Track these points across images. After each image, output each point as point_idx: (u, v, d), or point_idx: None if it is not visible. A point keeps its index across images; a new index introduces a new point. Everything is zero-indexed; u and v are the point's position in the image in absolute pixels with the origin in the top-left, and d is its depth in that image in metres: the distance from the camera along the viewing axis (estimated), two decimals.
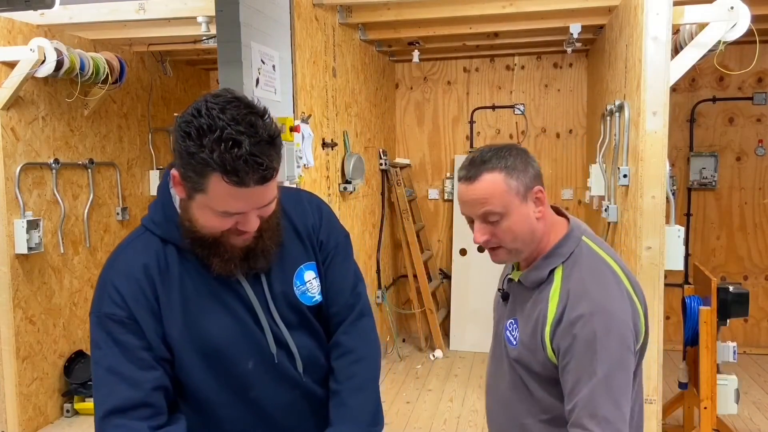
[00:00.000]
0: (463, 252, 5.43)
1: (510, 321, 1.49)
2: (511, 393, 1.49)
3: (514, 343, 1.46)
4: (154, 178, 5.05)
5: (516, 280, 1.51)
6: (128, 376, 1.22)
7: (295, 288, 1.36)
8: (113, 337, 1.24)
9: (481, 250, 5.46)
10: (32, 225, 3.77)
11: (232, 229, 1.22)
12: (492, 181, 1.36)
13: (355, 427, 1.36)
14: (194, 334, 1.27)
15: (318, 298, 1.40)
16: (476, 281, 5.30)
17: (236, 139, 1.12)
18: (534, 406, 1.44)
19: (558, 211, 1.50)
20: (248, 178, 1.13)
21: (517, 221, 1.38)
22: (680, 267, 3.07)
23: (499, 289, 1.60)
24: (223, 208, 1.17)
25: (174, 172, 1.22)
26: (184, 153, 1.14)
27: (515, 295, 1.52)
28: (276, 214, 1.29)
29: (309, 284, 1.38)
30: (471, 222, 1.44)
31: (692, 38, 2.98)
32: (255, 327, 1.31)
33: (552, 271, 1.42)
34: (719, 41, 2.92)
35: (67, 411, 4.10)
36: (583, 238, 1.45)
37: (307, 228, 1.41)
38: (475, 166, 1.39)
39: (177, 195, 1.26)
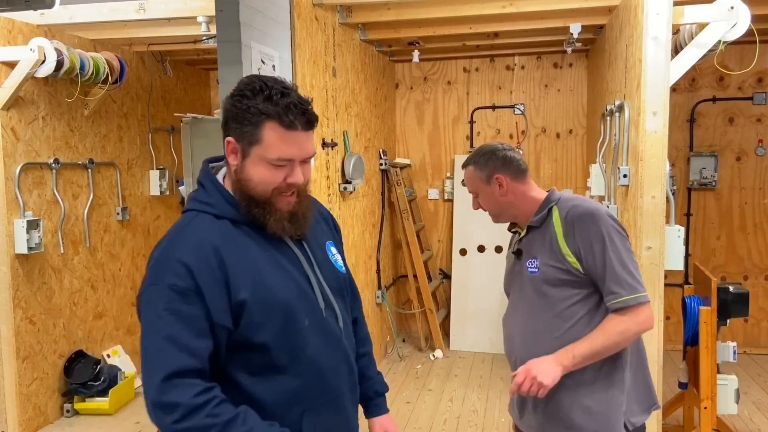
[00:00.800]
0: (463, 252, 5.43)
1: (529, 261, 1.96)
2: (533, 311, 1.94)
3: (537, 271, 1.93)
4: (154, 178, 5.05)
5: (525, 233, 2.02)
6: (187, 345, 1.30)
7: (330, 256, 1.59)
8: (174, 306, 1.32)
9: (480, 249, 5.45)
10: (32, 225, 3.77)
11: (282, 187, 1.40)
12: (469, 172, 2.05)
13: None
14: (263, 294, 1.38)
15: (344, 270, 1.64)
16: (476, 281, 5.30)
17: (284, 92, 1.37)
18: (552, 311, 1.90)
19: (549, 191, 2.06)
20: (297, 121, 1.37)
21: (485, 197, 2.04)
22: (680, 267, 3.07)
23: (513, 252, 2.08)
24: (277, 154, 1.37)
25: (229, 138, 1.41)
26: (241, 111, 1.37)
27: (526, 245, 2.01)
28: (308, 186, 1.49)
29: (336, 257, 1.61)
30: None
31: (692, 38, 2.98)
32: (307, 286, 1.47)
33: (549, 210, 1.96)
34: (719, 41, 2.92)
35: (67, 411, 4.10)
36: (564, 192, 2.06)
37: (323, 213, 1.67)
38: (466, 161, 2.07)
39: (231, 164, 1.43)
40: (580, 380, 1.87)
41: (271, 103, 1.36)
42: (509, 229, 2.14)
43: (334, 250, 1.62)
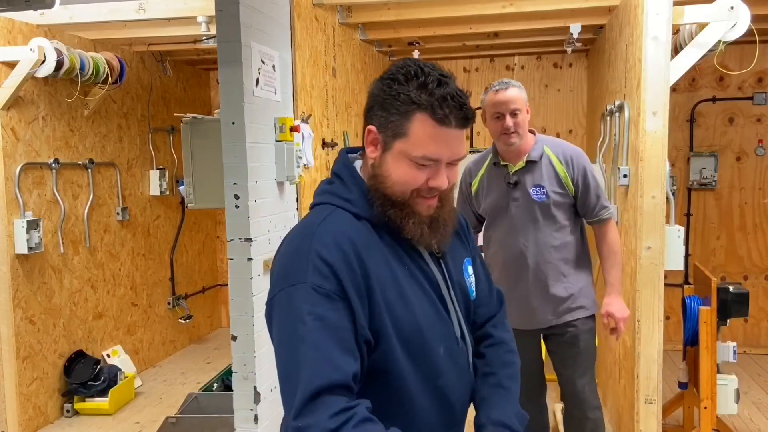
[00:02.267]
0: None
1: (533, 189, 2.53)
2: (541, 228, 2.56)
3: (545, 197, 2.53)
4: (154, 178, 5.05)
5: (523, 166, 2.55)
6: (332, 358, 1.11)
7: (465, 278, 1.38)
8: (319, 311, 1.12)
9: (480, 249, 5.47)
10: (32, 225, 3.77)
11: (422, 189, 1.22)
12: (516, 92, 2.50)
13: (515, 407, 1.36)
14: (398, 314, 1.20)
15: (474, 295, 1.40)
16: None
17: (441, 80, 1.20)
18: (553, 227, 2.56)
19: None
20: (452, 116, 1.18)
21: (523, 117, 2.50)
22: (680, 267, 3.07)
23: (508, 183, 2.57)
24: (422, 152, 1.19)
25: (370, 127, 1.24)
26: (389, 97, 1.20)
27: (524, 176, 2.55)
28: (452, 191, 1.30)
29: (471, 278, 1.40)
30: (497, 118, 2.51)
31: (692, 38, 2.98)
32: (444, 312, 1.29)
33: (542, 149, 2.56)
34: (719, 41, 2.92)
35: (67, 411, 4.10)
36: (545, 137, 2.67)
37: (459, 222, 1.42)
38: (504, 83, 2.52)
39: (369, 156, 1.26)
40: (561, 275, 2.57)
41: (425, 92, 1.18)
42: (495, 164, 2.63)
43: (470, 270, 1.41)
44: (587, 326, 2.65)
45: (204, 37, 3.85)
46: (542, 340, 2.79)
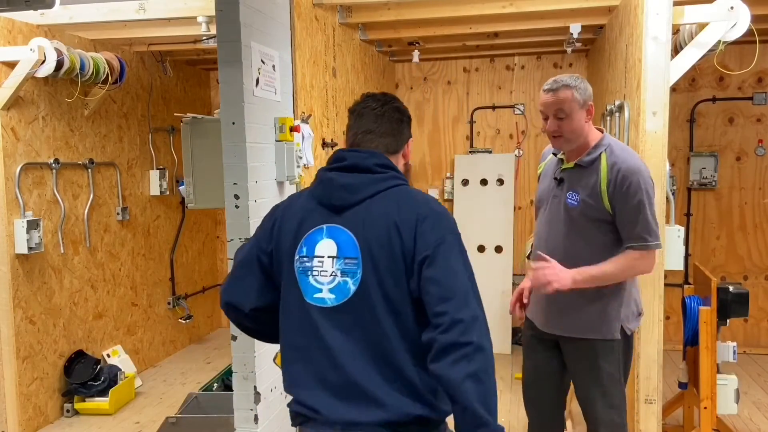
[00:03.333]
0: None
1: (570, 192, 2.36)
2: (568, 235, 2.37)
3: (576, 204, 2.33)
4: (154, 177, 5.05)
5: (572, 166, 2.37)
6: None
7: None
8: (467, 259, 1.65)
9: (480, 249, 5.41)
10: (32, 225, 3.77)
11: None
12: (567, 93, 2.30)
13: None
14: None
15: None
16: (476, 281, 5.29)
17: None
18: (579, 234, 2.35)
19: (599, 128, 2.41)
20: None
21: (573, 120, 2.30)
22: (680, 267, 3.07)
23: (554, 178, 2.44)
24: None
25: (411, 140, 1.87)
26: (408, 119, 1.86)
27: (570, 178, 2.38)
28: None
29: None
30: (546, 119, 2.37)
31: (692, 38, 2.98)
32: None
33: (600, 154, 2.32)
34: (719, 41, 2.93)
35: (67, 411, 4.10)
36: (613, 138, 2.40)
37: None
38: (555, 82, 2.32)
39: (408, 158, 1.84)
40: (581, 291, 2.32)
41: None
42: (555, 154, 2.49)
43: None
44: (602, 350, 2.40)
45: (204, 37, 3.85)
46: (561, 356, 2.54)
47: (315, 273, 1.65)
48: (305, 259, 1.66)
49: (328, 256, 1.64)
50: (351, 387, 1.61)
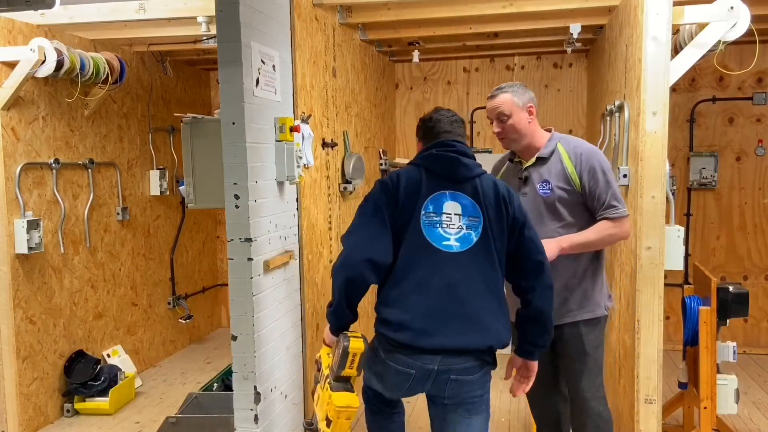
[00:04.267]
0: None
1: (540, 184, 2.59)
2: (545, 223, 2.58)
3: (550, 192, 2.58)
4: (155, 178, 5.06)
5: (533, 162, 2.62)
6: None
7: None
8: None
9: None
10: (32, 225, 3.77)
11: None
12: (505, 97, 2.59)
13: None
14: None
15: None
16: None
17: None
18: (557, 222, 2.58)
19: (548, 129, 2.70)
20: None
21: (515, 121, 2.59)
22: (680, 267, 3.07)
23: (519, 178, 2.65)
24: None
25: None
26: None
27: (535, 172, 2.62)
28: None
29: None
30: (491, 123, 2.66)
31: (692, 38, 2.98)
32: None
33: (555, 145, 2.61)
34: (719, 41, 2.92)
35: (67, 411, 4.10)
36: (560, 133, 2.69)
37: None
38: (497, 89, 2.63)
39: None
40: (565, 278, 2.58)
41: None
42: (510, 160, 2.77)
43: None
44: (586, 328, 2.64)
45: (204, 37, 3.85)
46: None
47: (444, 225, 2.20)
48: (432, 214, 2.21)
49: (455, 214, 2.22)
50: (466, 316, 2.13)
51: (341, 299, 2.20)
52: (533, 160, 2.63)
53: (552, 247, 2.49)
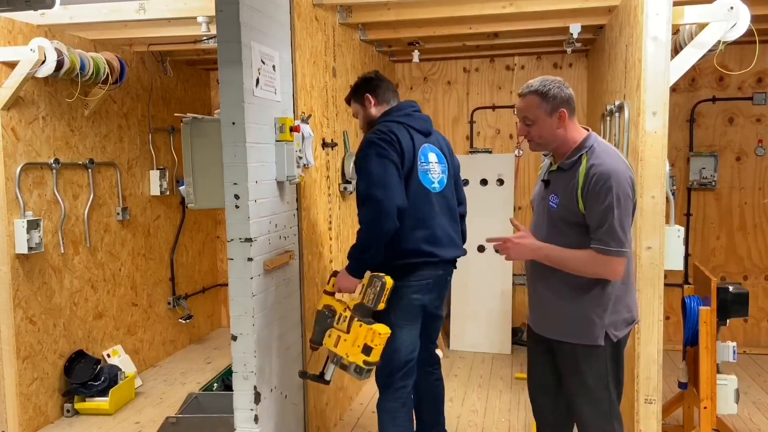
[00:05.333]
0: None
1: (552, 195, 2.38)
2: (549, 237, 2.38)
3: (555, 207, 2.36)
4: (155, 178, 5.06)
5: (555, 169, 2.39)
6: None
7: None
8: None
9: (481, 249, 5.40)
10: (32, 225, 3.77)
11: None
12: (532, 100, 2.32)
13: None
14: None
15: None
16: (476, 281, 5.30)
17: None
18: (562, 237, 2.34)
19: (585, 128, 2.42)
20: None
21: (541, 127, 2.33)
22: (680, 267, 3.07)
23: (542, 180, 2.48)
24: None
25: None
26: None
27: (554, 180, 2.40)
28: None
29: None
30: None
31: (692, 38, 2.98)
32: None
33: (580, 156, 2.30)
34: (719, 41, 2.92)
35: (68, 411, 4.10)
36: (598, 138, 2.37)
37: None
38: (525, 87, 2.35)
39: None
40: (562, 293, 2.37)
41: None
42: (545, 155, 2.54)
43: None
44: (584, 354, 2.37)
45: (204, 37, 3.86)
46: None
47: (431, 172, 2.87)
48: (423, 163, 2.84)
49: (435, 162, 2.90)
50: (448, 238, 2.89)
51: (379, 243, 2.68)
52: (556, 167, 2.39)
53: (529, 247, 2.38)
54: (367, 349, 2.59)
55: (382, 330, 2.62)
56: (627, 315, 2.39)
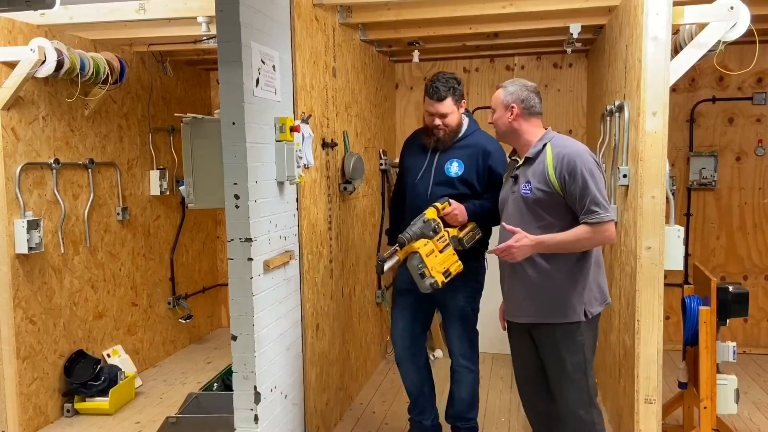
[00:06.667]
0: None
1: (524, 183, 2.62)
2: (523, 221, 2.61)
3: (529, 193, 2.60)
4: (155, 178, 5.06)
5: (523, 162, 2.66)
6: None
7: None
8: None
9: None
10: (32, 225, 3.77)
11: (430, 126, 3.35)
12: (498, 92, 2.80)
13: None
14: None
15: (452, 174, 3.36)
16: None
17: (434, 75, 3.45)
18: (537, 222, 2.59)
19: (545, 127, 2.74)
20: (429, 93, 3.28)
21: (496, 116, 2.77)
22: (680, 267, 3.07)
23: (511, 177, 2.73)
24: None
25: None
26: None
27: (522, 172, 2.66)
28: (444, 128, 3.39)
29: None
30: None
31: (692, 38, 2.98)
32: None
33: (545, 145, 2.62)
34: (719, 41, 2.92)
35: (68, 411, 4.10)
36: (556, 133, 2.71)
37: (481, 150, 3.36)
38: (502, 84, 2.81)
39: None
40: (551, 275, 2.59)
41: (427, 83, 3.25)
42: (510, 156, 2.82)
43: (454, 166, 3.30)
44: (561, 332, 2.63)
45: (204, 37, 3.85)
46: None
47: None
48: None
49: None
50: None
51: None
52: (523, 160, 2.68)
53: (524, 250, 2.56)
54: (446, 273, 2.93)
55: (461, 268, 3.02)
56: (598, 294, 2.66)
